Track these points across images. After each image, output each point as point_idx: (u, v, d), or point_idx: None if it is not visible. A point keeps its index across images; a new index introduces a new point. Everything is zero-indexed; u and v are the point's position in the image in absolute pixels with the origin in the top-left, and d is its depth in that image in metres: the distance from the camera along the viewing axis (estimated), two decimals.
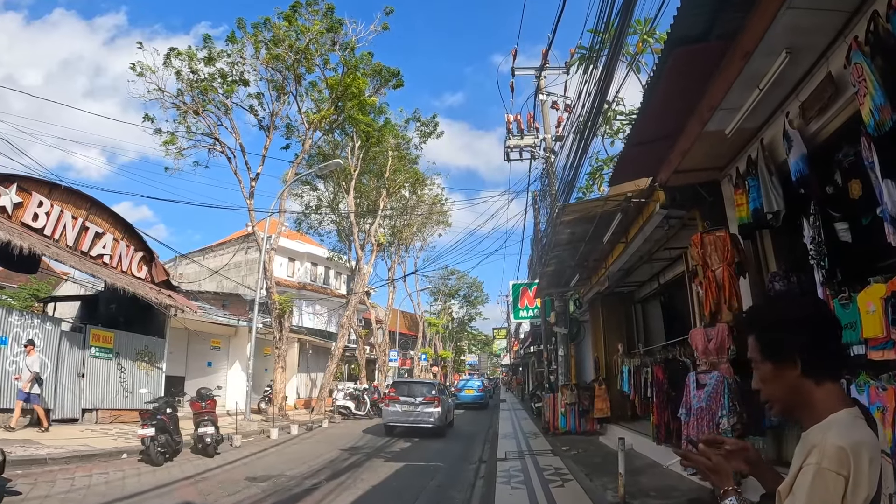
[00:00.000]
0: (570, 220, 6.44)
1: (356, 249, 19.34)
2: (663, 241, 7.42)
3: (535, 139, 13.96)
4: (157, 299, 12.44)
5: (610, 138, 8.98)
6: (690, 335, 5.04)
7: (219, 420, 11.12)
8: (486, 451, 9.82)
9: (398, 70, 19.43)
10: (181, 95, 16.59)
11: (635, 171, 5.77)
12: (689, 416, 4.69)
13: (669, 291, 10.27)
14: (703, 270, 5.15)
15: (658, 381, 6.25)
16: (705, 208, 6.04)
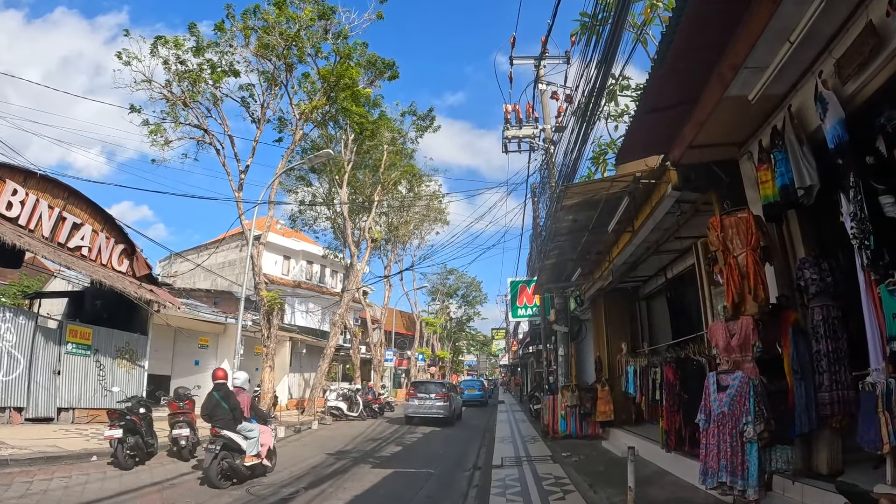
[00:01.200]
0: (572, 204, 5.85)
1: (350, 245, 18.74)
2: (673, 230, 6.82)
3: (535, 129, 13.38)
4: (136, 294, 11.84)
5: (614, 122, 8.39)
6: (710, 330, 4.45)
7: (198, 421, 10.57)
8: (481, 456, 9.22)
9: (393, 61, 18.86)
10: (169, 86, 16.01)
11: (645, 146, 5.18)
12: (709, 423, 4.09)
13: (677, 287, 9.68)
14: (723, 257, 4.56)
15: (668, 383, 5.66)
16: (722, 190, 5.46)
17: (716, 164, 5.42)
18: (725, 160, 5.39)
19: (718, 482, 3.98)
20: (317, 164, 20.27)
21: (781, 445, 4.29)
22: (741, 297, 4.33)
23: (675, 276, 8.72)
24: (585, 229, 6.95)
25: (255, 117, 16.84)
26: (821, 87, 3.73)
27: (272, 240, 31.26)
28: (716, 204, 5.51)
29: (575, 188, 5.45)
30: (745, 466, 3.91)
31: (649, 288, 10.21)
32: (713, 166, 5.42)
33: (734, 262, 4.47)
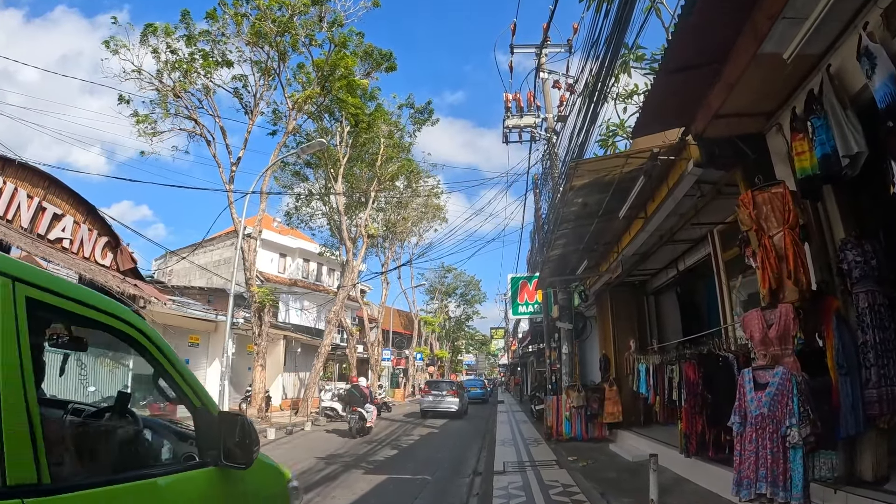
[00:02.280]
0: (582, 184, 5.31)
1: (345, 241, 18.17)
2: (690, 216, 6.28)
3: (536, 118, 12.86)
4: (119, 288, 11.25)
5: (623, 103, 7.85)
6: (743, 320, 3.91)
7: None
8: (481, 460, 8.68)
9: (390, 52, 18.35)
10: (160, 76, 15.46)
11: (665, 117, 4.65)
12: (745, 426, 3.55)
13: (688, 280, 9.17)
14: (757, 237, 4.02)
15: (689, 382, 5.11)
16: (748, 167, 4.94)
17: (740, 140, 4.90)
18: (751, 134, 4.88)
19: (757, 494, 3.44)
20: (312, 159, 19.76)
21: (825, 450, 3.77)
22: (779, 283, 3.79)
23: (687, 269, 8.19)
24: (595, 215, 6.41)
25: (248, 108, 16.31)
26: (866, 40, 3.22)
27: (268, 237, 30.72)
28: (741, 183, 4.99)
29: (586, 165, 4.91)
30: (789, 475, 3.37)
31: (658, 282, 9.68)
32: (738, 141, 4.90)
33: (769, 243, 3.93)
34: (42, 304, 1.39)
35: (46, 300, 1.41)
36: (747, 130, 4.85)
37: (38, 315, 1.37)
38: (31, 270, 1.43)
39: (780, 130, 4.56)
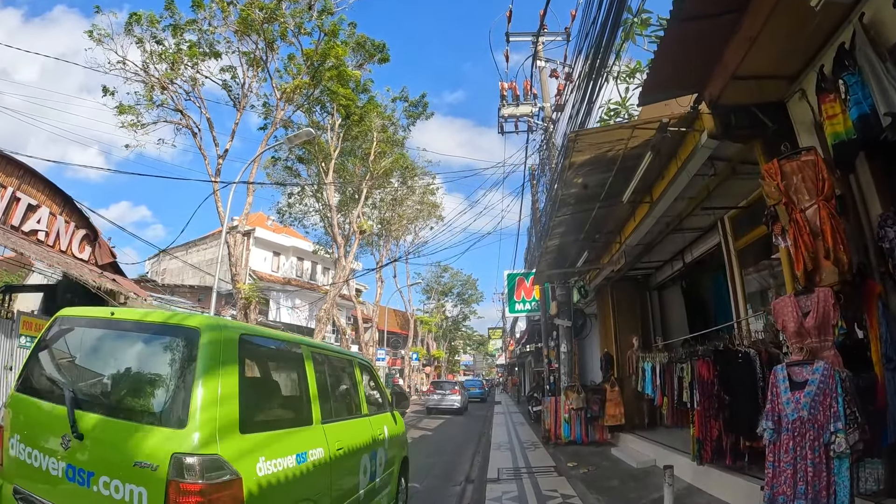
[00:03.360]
0: (583, 160, 4.76)
1: (335, 237, 17.60)
2: (700, 199, 5.74)
3: (533, 107, 12.32)
4: (95, 283, 10.67)
5: (624, 82, 7.32)
6: (774, 308, 3.36)
7: None
8: (475, 466, 8.11)
9: (383, 43, 17.81)
10: (146, 67, 14.89)
11: (676, 80, 4.10)
12: (779, 433, 2.99)
13: (694, 274, 8.62)
14: (787, 212, 3.47)
15: (703, 382, 4.56)
16: (768, 140, 4.40)
17: (758, 109, 4.36)
18: (770, 103, 4.34)
19: None
20: (304, 154, 19.21)
21: (870, 459, 3.23)
22: (815, 263, 3.25)
23: (694, 260, 7.65)
24: (596, 199, 5.86)
25: (237, 100, 15.74)
26: None
27: (262, 235, 30.21)
28: (761, 157, 4.44)
29: (587, 137, 4.36)
30: (833, 490, 2.82)
31: (662, 276, 9.14)
32: (756, 111, 4.36)
33: (802, 217, 3.39)
34: (364, 364, 4.65)
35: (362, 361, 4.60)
36: (766, 98, 4.32)
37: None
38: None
39: (804, 97, 4.03)
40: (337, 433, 3.23)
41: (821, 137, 3.76)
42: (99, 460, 2.16)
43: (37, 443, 2.34)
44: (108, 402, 2.37)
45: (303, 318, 26.16)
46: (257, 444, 2.38)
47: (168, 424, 2.15)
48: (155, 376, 2.41)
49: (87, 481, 2.14)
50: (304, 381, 3.09)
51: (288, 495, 2.56)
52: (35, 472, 2.29)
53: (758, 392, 4.05)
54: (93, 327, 2.73)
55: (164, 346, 2.44)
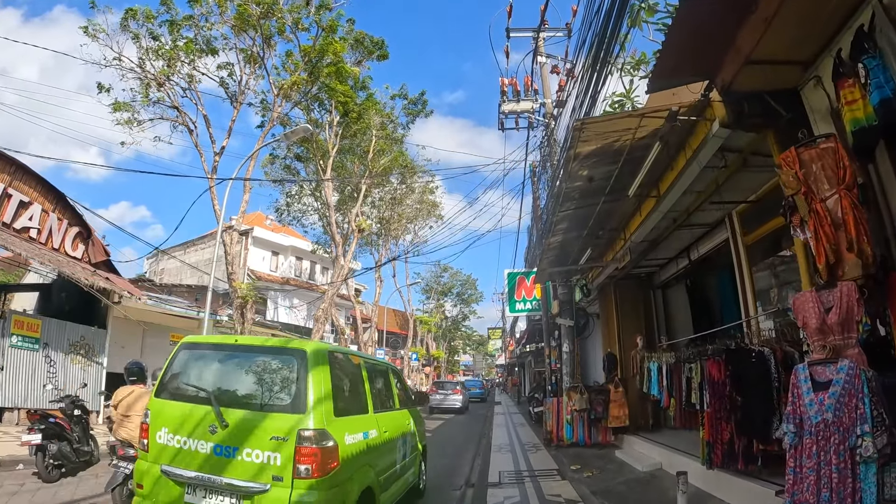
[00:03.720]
0: (588, 151, 4.58)
1: (333, 235, 17.40)
2: (709, 193, 5.56)
3: (534, 103, 12.13)
4: (87, 281, 10.49)
5: (629, 75, 7.12)
6: (794, 304, 3.16)
7: None
8: (475, 468, 7.92)
9: (382, 39, 17.64)
10: (142, 64, 14.70)
11: (688, 64, 3.91)
12: (802, 436, 2.80)
13: (699, 272, 8.44)
14: (806, 202, 3.28)
15: (713, 382, 4.37)
16: (781, 129, 4.22)
17: (771, 97, 4.18)
18: (783, 91, 4.16)
19: None
20: (302, 152, 19.02)
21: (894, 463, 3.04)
22: (837, 256, 3.06)
23: (700, 258, 7.46)
24: (601, 193, 5.67)
25: (234, 97, 15.55)
26: None
27: (260, 235, 30.02)
28: (774, 147, 4.26)
29: (593, 126, 4.18)
30: (858, 497, 2.63)
31: (666, 274, 8.94)
32: (769, 99, 4.18)
33: (822, 207, 3.20)
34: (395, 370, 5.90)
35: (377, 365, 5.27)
36: (780, 85, 4.14)
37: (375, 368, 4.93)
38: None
39: (820, 83, 3.84)
40: (383, 421, 4.42)
41: (838, 126, 3.58)
42: (242, 439, 3.21)
43: (184, 432, 3.35)
44: (245, 401, 3.45)
45: (301, 317, 25.96)
46: (343, 425, 3.53)
47: (292, 412, 3.25)
48: (279, 382, 3.52)
49: (233, 453, 3.20)
50: (362, 383, 4.30)
51: (359, 459, 3.66)
52: (183, 453, 3.30)
53: (772, 393, 3.86)
54: (219, 350, 3.84)
55: (283, 361, 3.57)
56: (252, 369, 3.62)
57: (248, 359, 3.69)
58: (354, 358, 4.50)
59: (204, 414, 3.32)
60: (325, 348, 3.80)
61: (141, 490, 3.41)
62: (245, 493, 3.13)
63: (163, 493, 3.30)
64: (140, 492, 3.42)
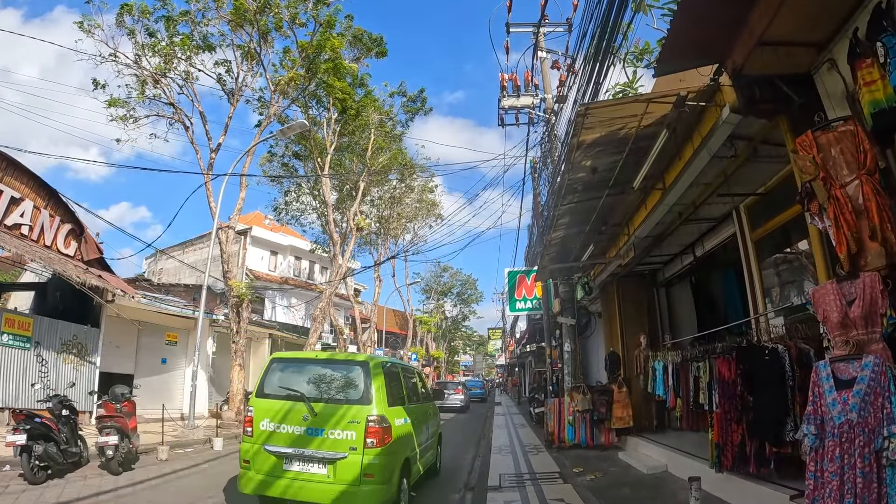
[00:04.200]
0: (592, 139, 4.38)
1: (331, 233, 17.20)
2: (717, 185, 5.36)
3: (534, 98, 11.93)
4: (79, 279, 10.28)
5: (632, 66, 6.93)
6: (813, 296, 2.96)
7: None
8: (475, 470, 7.71)
9: (381, 36, 17.47)
10: (139, 60, 14.51)
11: (697, 45, 3.71)
12: (823, 438, 2.60)
13: (704, 269, 8.24)
14: (825, 188, 3.09)
15: (723, 381, 4.16)
16: (794, 115, 4.03)
17: (783, 82, 3.99)
18: (795, 76, 3.97)
19: None
20: (300, 150, 18.84)
21: None
22: (859, 244, 2.86)
23: (705, 254, 7.25)
24: (605, 185, 5.47)
25: (230, 92, 15.36)
26: None
27: (259, 234, 29.81)
28: (787, 134, 4.06)
29: (598, 111, 3.97)
30: (886, 503, 2.43)
31: (670, 272, 8.74)
32: (780, 84, 3.98)
33: (842, 194, 3.01)
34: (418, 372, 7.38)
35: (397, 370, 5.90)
36: (792, 69, 3.95)
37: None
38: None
39: (834, 66, 3.66)
40: (413, 411, 5.78)
41: (855, 110, 3.39)
42: (327, 423, 4.53)
43: (282, 421, 4.65)
44: (327, 397, 4.81)
45: (299, 317, 25.74)
46: (393, 412, 4.88)
47: (362, 403, 4.60)
48: (351, 383, 4.88)
49: (321, 433, 4.49)
50: (399, 382, 5.73)
51: (402, 437, 5.01)
52: (281, 435, 4.61)
53: (786, 392, 3.66)
54: (302, 362, 5.36)
55: (351, 369, 4.99)
56: (330, 375, 5.05)
57: (326, 368, 5.18)
58: (394, 366, 5.98)
59: (296, 406, 4.71)
60: (379, 360, 5.37)
61: (247, 465, 4.71)
62: (330, 460, 4.48)
63: (265, 464, 4.63)
64: (246, 466, 4.72)
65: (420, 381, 6.98)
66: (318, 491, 4.41)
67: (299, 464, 4.51)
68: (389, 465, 4.57)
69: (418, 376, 6.99)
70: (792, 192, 5.12)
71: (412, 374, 6.73)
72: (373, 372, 4.85)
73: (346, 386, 4.88)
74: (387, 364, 5.54)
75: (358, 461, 4.37)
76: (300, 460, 4.52)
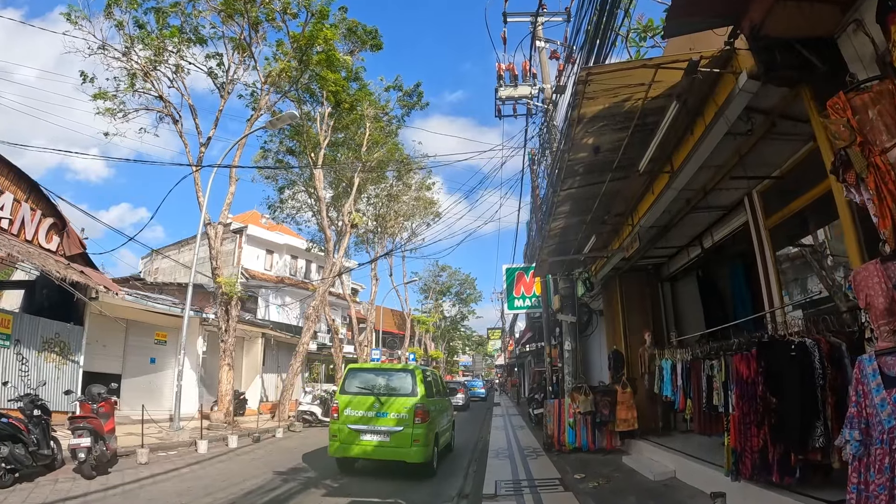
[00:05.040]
0: (595, 112, 3.95)
1: (324, 229, 16.77)
2: (730, 166, 4.93)
3: (532, 88, 11.51)
4: (60, 274, 9.87)
5: (635, 46, 6.52)
6: (854, 279, 2.54)
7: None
8: (470, 476, 7.29)
9: (375, 28, 17.09)
10: (128, 53, 14.09)
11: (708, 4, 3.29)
12: (869, 444, 2.18)
13: (711, 263, 7.82)
14: (863, 155, 2.66)
15: (742, 381, 3.73)
16: (817, 84, 3.63)
17: (803, 46, 3.58)
18: (817, 40, 3.57)
19: None
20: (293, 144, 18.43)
21: None
22: None
23: (714, 245, 6.83)
24: (608, 168, 5.05)
25: (221, 85, 14.94)
26: None
27: (255, 233, 29.39)
28: (810, 104, 3.66)
29: (601, 78, 3.53)
30: None
31: (675, 266, 8.32)
32: (801, 49, 3.57)
33: (883, 161, 2.59)
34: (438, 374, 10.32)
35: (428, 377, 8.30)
36: (815, 32, 3.55)
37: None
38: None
39: (861, 27, 3.25)
40: (437, 402, 8.17)
41: (885, 72, 2.98)
42: (388, 408, 7.00)
43: (359, 408, 7.09)
44: (388, 392, 7.29)
45: (293, 316, 25.31)
46: (429, 402, 7.35)
47: (411, 396, 7.16)
48: (403, 383, 7.41)
49: (385, 415, 6.95)
50: (431, 382, 8.05)
51: (434, 418, 7.37)
52: (358, 418, 6.99)
53: (816, 392, 3.23)
54: (371, 370, 8.16)
55: (403, 374, 7.66)
56: (388, 378, 7.66)
57: (385, 373, 7.91)
58: (428, 371, 8.55)
59: (368, 398, 7.20)
60: (420, 367, 8.21)
61: (335, 437, 7.12)
62: (390, 433, 6.88)
63: (348, 437, 7.02)
64: (334, 438, 7.11)
65: (441, 382, 9.90)
66: (383, 451, 6.96)
67: (370, 435, 7.00)
68: (428, 435, 7.06)
69: (440, 379, 10.02)
70: (810, 175, 4.70)
71: (438, 377, 9.54)
72: (417, 375, 7.51)
73: (400, 384, 7.45)
74: (425, 370, 8.30)
75: (409, 433, 6.83)
76: (371, 433, 7.00)
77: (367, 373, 7.89)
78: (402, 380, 7.43)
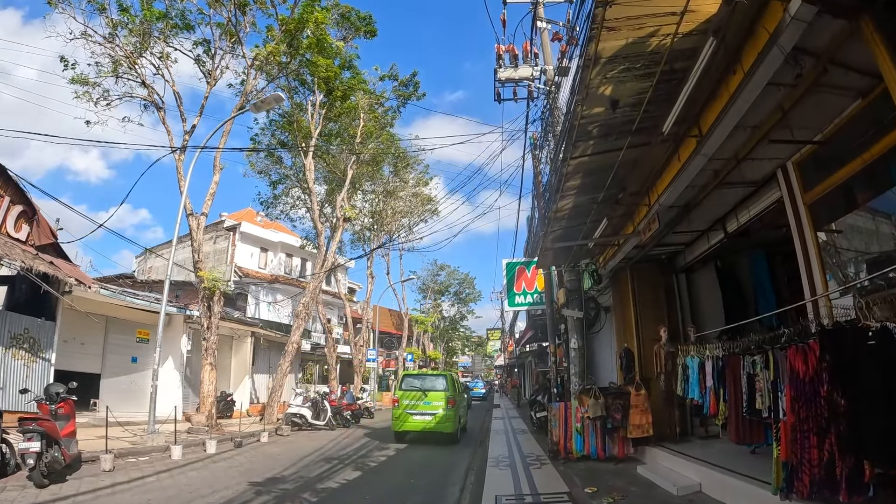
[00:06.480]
0: (615, 50, 3.22)
1: (315, 221, 16.03)
2: (768, 127, 4.21)
3: (533, 69, 10.81)
4: (26, 264, 9.14)
5: None
6: None
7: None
8: (467, 488, 6.55)
9: (369, 14, 16.41)
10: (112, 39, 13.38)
11: None
12: None
13: (732, 251, 7.10)
14: None
15: (797, 379, 3.01)
16: (880, 15, 2.95)
17: None
18: None
19: None
20: (285, 136, 17.74)
21: None
22: None
23: (740, 228, 6.09)
24: (627, 131, 4.33)
25: (207, 72, 14.23)
26: None
27: (248, 230, 28.69)
28: (873, 38, 2.95)
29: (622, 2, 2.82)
30: None
31: (692, 254, 7.60)
32: None
33: None
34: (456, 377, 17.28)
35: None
36: None
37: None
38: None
39: None
40: (459, 396, 12.95)
41: None
42: (431, 399, 11.66)
43: (411, 399, 11.74)
44: (431, 389, 11.87)
45: (285, 314, 24.56)
46: (456, 394, 12.34)
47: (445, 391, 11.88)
48: (441, 383, 12.17)
49: (429, 403, 11.63)
50: (455, 382, 13.27)
51: (458, 405, 12.32)
52: (412, 405, 11.65)
53: None
54: (418, 377, 12.76)
55: (442, 377, 12.62)
56: (433, 379, 12.24)
57: (429, 377, 12.61)
58: (453, 376, 12.97)
59: (417, 393, 11.57)
60: (450, 372, 15.05)
61: (398, 420, 11.42)
62: (433, 414, 11.30)
63: (403, 416, 11.40)
64: (397, 420, 11.45)
65: (459, 382, 14.70)
66: (428, 426, 11.17)
67: (419, 416, 11.22)
68: (456, 415, 11.49)
69: (458, 379, 14.09)
70: (858, 138, 4.00)
71: (457, 379, 13.80)
72: (448, 378, 12.14)
73: (438, 384, 11.74)
74: (452, 376, 12.91)
75: (443, 413, 11.15)
76: (419, 414, 11.23)
77: (415, 378, 12.37)
78: (439, 381, 11.91)
